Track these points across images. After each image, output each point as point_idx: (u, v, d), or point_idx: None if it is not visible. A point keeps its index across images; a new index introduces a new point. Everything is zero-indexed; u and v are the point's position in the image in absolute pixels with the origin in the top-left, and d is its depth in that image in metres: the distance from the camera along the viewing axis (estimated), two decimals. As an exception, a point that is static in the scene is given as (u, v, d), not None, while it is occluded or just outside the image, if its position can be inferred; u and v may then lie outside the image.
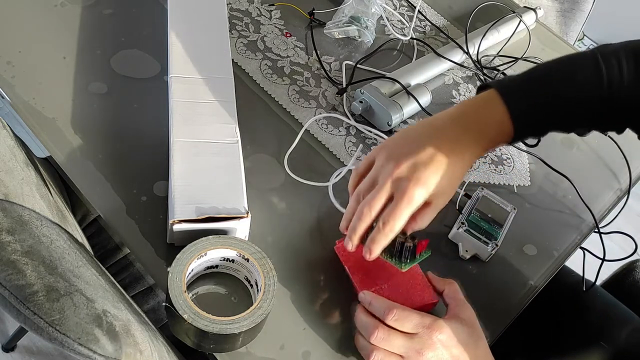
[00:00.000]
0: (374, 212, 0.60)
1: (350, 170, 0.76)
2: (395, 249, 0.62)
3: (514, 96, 0.62)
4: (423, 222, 0.62)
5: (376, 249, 0.60)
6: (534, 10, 1.04)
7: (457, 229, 0.71)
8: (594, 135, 0.90)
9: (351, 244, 0.62)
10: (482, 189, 0.76)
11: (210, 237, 0.60)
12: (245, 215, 0.63)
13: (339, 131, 0.81)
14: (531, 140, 0.80)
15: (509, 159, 0.85)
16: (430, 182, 0.59)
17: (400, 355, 0.58)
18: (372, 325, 0.59)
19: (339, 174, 0.75)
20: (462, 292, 0.63)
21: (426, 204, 0.61)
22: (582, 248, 0.79)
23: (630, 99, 0.62)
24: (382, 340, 0.58)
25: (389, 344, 0.58)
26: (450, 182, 0.61)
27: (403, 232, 0.61)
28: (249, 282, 0.63)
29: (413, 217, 0.62)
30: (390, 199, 0.59)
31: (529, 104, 0.62)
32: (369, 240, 0.60)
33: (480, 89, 0.65)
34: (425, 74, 0.88)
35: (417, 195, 0.58)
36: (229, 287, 0.64)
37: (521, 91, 0.63)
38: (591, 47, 2.54)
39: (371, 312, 0.61)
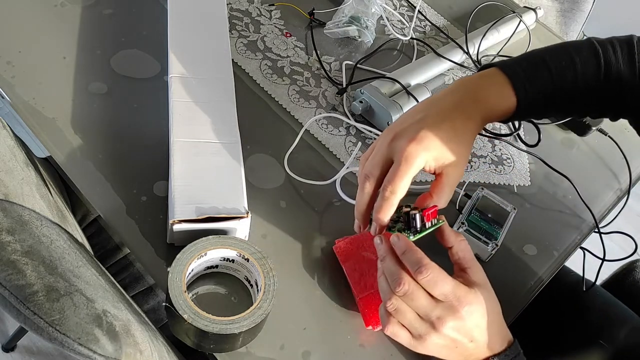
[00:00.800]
0: (372, 180, 0.58)
1: (351, 173, 0.76)
2: (402, 219, 0.58)
3: (515, 70, 0.62)
4: (439, 198, 0.58)
5: (382, 219, 0.57)
6: (534, 10, 1.04)
7: (457, 229, 0.71)
8: (594, 135, 0.90)
9: (357, 223, 0.60)
10: (482, 189, 0.76)
11: (210, 237, 0.60)
12: (245, 215, 0.63)
13: (339, 131, 0.81)
14: (531, 140, 0.80)
15: (509, 159, 0.85)
16: (429, 141, 0.56)
17: (419, 315, 0.55)
18: (399, 276, 0.54)
19: (342, 173, 0.75)
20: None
21: (439, 177, 0.59)
22: (582, 248, 0.79)
23: (625, 83, 0.62)
24: (405, 294, 0.54)
25: (411, 301, 0.54)
26: (457, 148, 0.57)
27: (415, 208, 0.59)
28: (249, 282, 0.63)
29: (428, 193, 0.60)
30: (391, 164, 0.57)
31: (529, 77, 0.62)
32: (373, 212, 0.58)
33: (478, 71, 0.65)
34: (425, 74, 0.88)
35: (415, 151, 0.55)
36: (229, 287, 0.64)
37: (521, 67, 0.63)
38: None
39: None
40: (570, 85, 0.63)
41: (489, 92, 0.61)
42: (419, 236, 0.57)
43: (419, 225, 0.57)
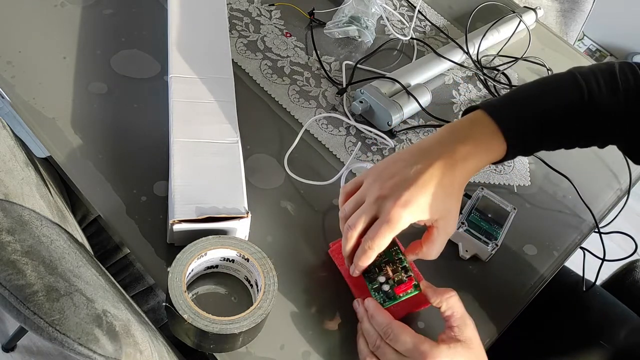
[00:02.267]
0: (356, 233, 0.59)
1: (350, 172, 0.76)
2: (378, 287, 0.61)
3: (503, 113, 0.62)
4: (429, 250, 0.60)
5: (360, 266, 0.60)
6: (534, 10, 1.04)
7: (457, 229, 0.71)
8: (594, 135, 0.90)
9: (347, 265, 0.63)
10: (482, 189, 0.76)
11: (210, 237, 0.60)
12: (245, 215, 0.63)
13: (339, 131, 0.81)
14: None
15: (509, 159, 0.85)
16: (415, 203, 0.57)
17: None
18: (373, 334, 0.59)
19: (342, 174, 0.75)
20: (461, 303, 0.60)
21: (430, 229, 0.60)
22: (582, 248, 0.79)
23: (609, 111, 0.63)
24: (377, 349, 0.58)
25: (382, 355, 0.58)
26: (446, 204, 0.59)
27: (406, 269, 0.61)
28: (249, 282, 0.63)
29: (419, 242, 0.61)
30: (376, 218, 0.59)
31: (517, 119, 0.63)
32: (354, 257, 0.61)
33: (465, 113, 0.65)
34: (425, 74, 0.88)
35: (398, 215, 0.57)
36: (229, 287, 0.64)
37: (508, 109, 0.63)
38: (591, 47, 2.51)
39: None
40: (558, 123, 0.63)
41: (478, 143, 0.61)
42: (389, 304, 0.61)
43: (390, 296, 0.61)
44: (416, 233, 0.63)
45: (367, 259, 0.60)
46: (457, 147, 0.60)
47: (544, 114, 0.63)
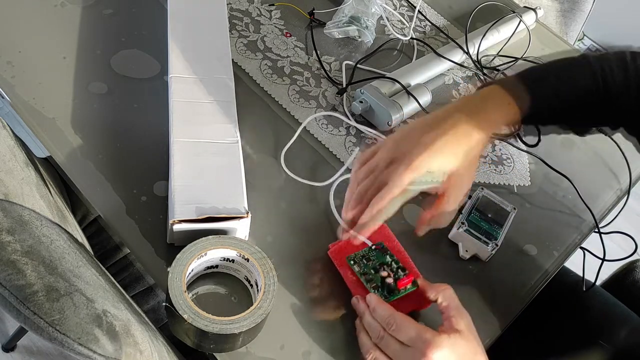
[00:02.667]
0: (365, 199, 0.60)
1: (348, 169, 0.76)
2: (380, 283, 0.63)
3: (517, 87, 0.64)
4: (440, 217, 0.61)
5: (364, 232, 0.61)
6: (534, 10, 1.04)
7: (457, 229, 0.71)
8: (594, 135, 0.90)
9: (341, 228, 0.64)
10: (482, 189, 0.76)
11: (210, 237, 0.60)
12: (245, 215, 0.63)
13: (339, 131, 0.81)
14: (531, 140, 0.80)
15: (509, 159, 0.85)
16: (425, 168, 0.58)
17: None
18: (376, 327, 0.59)
19: (339, 174, 0.75)
20: (457, 296, 0.61)
21: (440, 196, 0.61)
22: (582, 248, 0.79)
23: (621, 97, 0.64)
24: (381, 340, 0.59)
25: (386, 347, 0.58)
26: (459, 169, 0.60)
27: (402, 269, 0.62)
28: (249, 282, 0.63)
29: (428, 212, 0.62)
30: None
31: (532, 93, 0.64)
32: (358, 223, 0.61)
33: (479, 89, 0.66)
34: (425, 74, 0.88)
35: (408, 180, 0.58)
36: (229, 287, 0.64)
37: (522, 83, 0.64)
38: (591, 47, 2.52)
39: None
40: (569, 102, 0.65)
41: (494, 110, 0.63)
42: (392, 299, 0.63)
43: (392, 289, 0.63)
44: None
45: (373, 223, 0.60)
46: (471, 116, 0.62)
47: (558, 92, 0.65)
